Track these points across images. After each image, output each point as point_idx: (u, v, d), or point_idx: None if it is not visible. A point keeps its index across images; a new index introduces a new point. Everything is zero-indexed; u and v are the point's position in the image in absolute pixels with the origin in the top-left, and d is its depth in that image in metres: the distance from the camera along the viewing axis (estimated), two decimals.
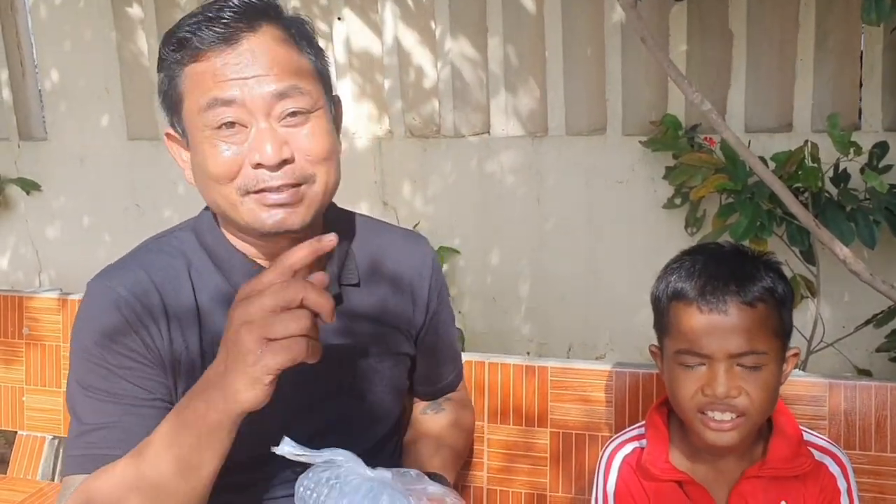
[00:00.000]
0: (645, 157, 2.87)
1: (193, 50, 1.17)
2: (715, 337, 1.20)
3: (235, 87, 1.16)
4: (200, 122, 1.18)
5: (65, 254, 4.01)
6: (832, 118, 2.27)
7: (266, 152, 1.16)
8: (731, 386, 1.20)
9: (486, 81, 3.19)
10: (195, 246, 1.31)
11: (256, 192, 1.19)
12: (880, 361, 2.54)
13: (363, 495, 1.06)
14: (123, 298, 1.22)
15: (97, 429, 1.21)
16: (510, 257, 3.21)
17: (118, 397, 1.22)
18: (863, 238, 2.37)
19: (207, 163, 1.19)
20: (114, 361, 1.21)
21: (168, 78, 1.22)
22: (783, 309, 1.24)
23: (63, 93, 3.90)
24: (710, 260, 1.27)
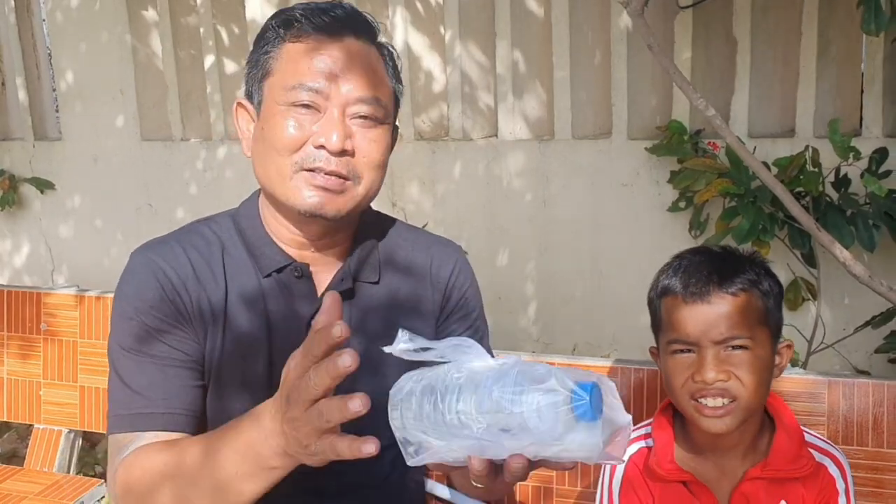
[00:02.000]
0: (650, 161, 2.92)
1: (297, 31, 1.27)
2: (699, 324, 1.27)
3: (325, 79, 1.25)
4: (282, 96, 1.26)
5: (78, 252, 4.06)
6: (833, 124, 2.31)
7: (332, 138, 1.24)
8: (719, 370, 1.26)
9: (495, 85, 3.24)
10: (231, 231, 1.38)
11: (309, 169, 1.26)
12: (880, 362, 2.57)
13: (502, 384, 0.85)
14: (161, 269, 1.30)
15: (138, 389, 1.29)
16: (516, 258, 3.25)
17: (155, 358, 1.29)
18: (862, 241, 2.42)
19: (275, 132, 1.26)
20: (151, 324, 1.29)
21: (263, 49, 1.30)
22: (768, 301, 1.30)
23: (78, 94, 3.95)
24: (695, 259, 1.34)
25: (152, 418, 1.28)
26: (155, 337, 1.30)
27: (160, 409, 1.28)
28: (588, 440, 0.83)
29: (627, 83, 2.97)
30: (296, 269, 1.35)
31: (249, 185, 1.38)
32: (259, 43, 1.32)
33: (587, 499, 1.66)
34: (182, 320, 1.31)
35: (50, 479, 2.34)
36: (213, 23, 3.64)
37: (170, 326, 1.30)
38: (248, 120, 1.35)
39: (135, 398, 1.29)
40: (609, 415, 0.85)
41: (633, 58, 2.95)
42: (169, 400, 1.29)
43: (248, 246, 1.36)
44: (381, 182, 1.34)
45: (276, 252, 1.35)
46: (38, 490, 2.28)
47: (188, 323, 1.31)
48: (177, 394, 1.30)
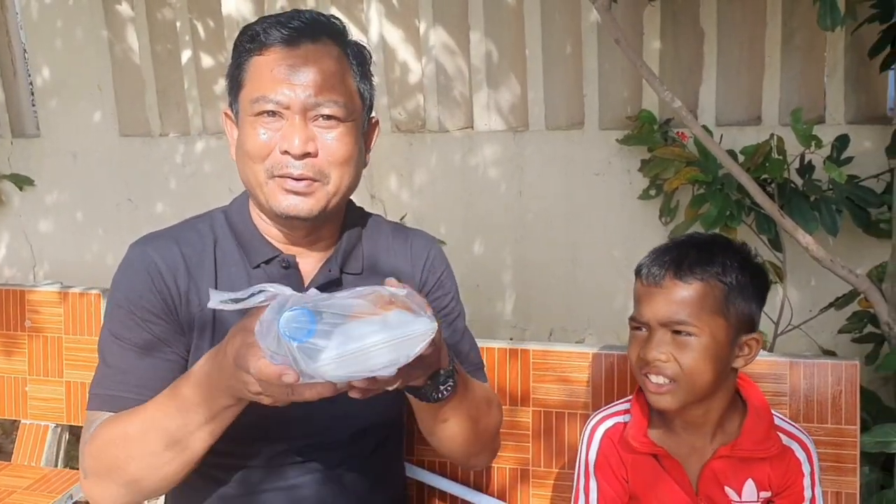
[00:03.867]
0: (621, 151, 2.98)
1: (260, 44, 1.34)
2: (650, 305, 1.35)
3: (284, 87, 1.31)
4: (249, 108, 1.34)
5: (59, 248, 4.06)
6: (795, 113, 2.37)
7: (293, 143, 1.31)
8: (660, 351, 1.33)
9: (469, 77, 3.28)
10: (224, 226, 1.45)
11: (280, 175, 1.33)
12: (844, 342, 2.65)
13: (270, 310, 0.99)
14: (154, 264, 1.38)
15: (118, 373, 1.37)
16: (493, 247, 3.30)
17: (137, 346, 1.37)
18: (826, 226, 2.48)
19: (247, 142, 1.35)
20: (138, 314, 1.37)
21: (235, 64, 1.38)
22: (731, 293, 1.34)
23: (55, 90, 3.95)
24: (674, 245, 1.39)
25: (124, 401, 1.34)
26: (140, 326, 1.37)
27: (132, 394, 1.35)
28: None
29: (599, 75, 3.03)
30: (283, 261, 1.41)
31: (228, 179, 1.44)
32: (233, 57, 1.40)
33: (564, 479, 1.72)
34: (168, 312, 1.37)
35: (38, 473, 2.37)
36: (190, 17, 3.65)
37: (154, 317, 1.37)
38: (233, 127, 1.43)
39: (112, 380, 1.37)
40: (344, 343, 0.98)
41: (604, 50, 3.01)
42: (141, 387, 1.35)
43: (239, 239, 1.43)
44: (353, 177, 1.39)
45: (264, 245, 1.42)
46: (27, 484, 2.31)
47: (173, 315, 1.38)
48: (151, 380, 1.35)
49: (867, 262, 2.50)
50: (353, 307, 1.00)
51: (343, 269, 1.45)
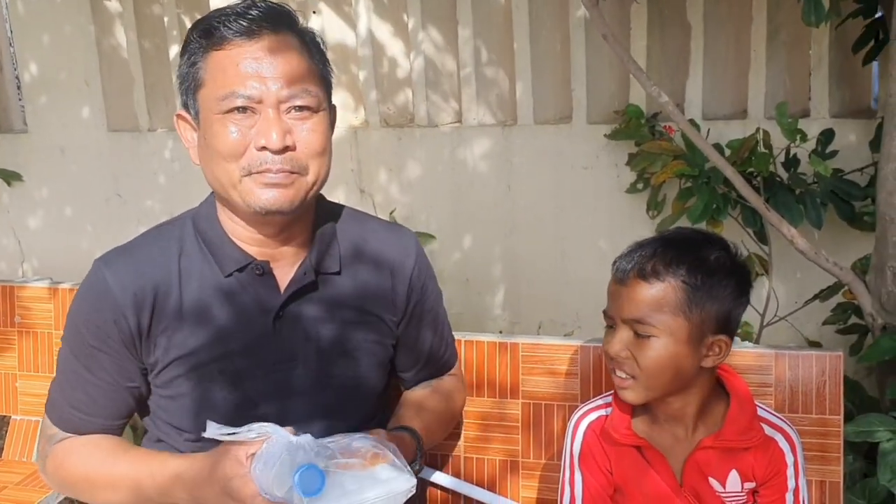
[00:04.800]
0: (609, 145, 3.00)
1: (218, 39, 1.29)
2: (615, 302, 1.37)
3: (254, 81, 1.28)
4: (216, 106, 1.29)
5: (47, 244, 4.06)
6: (780, 107, 2.40)
7: (272, 138, 1.28)
8: (620, 347, 1.35)
9: (458, 72, 3.29)
10: (191, 232, 1.42)
11: (258, 172, 1.30)
12: (829, 333, 2.68)
13: (279, 463, 1.16)
14: (110, 289, 1.36)
15: (74, 400, 1.43)
16: (483, 241, 3.32)
17: (94, 374, 1.40)
18: (810, 219, 2.51)
19: (217, 141, 1.30)
20: (93, 343, 1.38)
21: (190, 62, 1.32)
22: (696, 294, 1.32)
23: (43, 85, 3.94)
24: (648, 243, 1.39)
25: (82, 426, 1.43)
26: (94, 356, 1.39)
27: (89, 421, 1.43)
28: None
29: (586, 69, 3.04)
30: (256, 267, 1.39)
31: None
32: (185, 55, 1.34)
33: (552, 470, 1.73)
34: (123, 340, 1.38)
35: (29, 468, 2.37)
36: (178, 12, 3.64)
37: (109, 348, 1.38)
38: (190, 129, 1.39)
39: (70, 405, 1.43)
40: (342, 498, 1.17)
41: (592, 45, 3.02)
42: (94, 418, 1.43)
43: (209, 246, 1.40)
44: (328, 167, 1.38)
45: (236, 251, 1.39)
46: (18, 480, 2.31)
47: (131, 342, 1.38)
48: (106, 408, 1.43)
49: (851, 255, 2.52)
50: (351, 465, 1.19)
51: (319, 269, 1.43)
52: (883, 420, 2.07)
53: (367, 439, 1.24)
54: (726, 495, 1.41)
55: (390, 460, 1.22)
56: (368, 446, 1.22)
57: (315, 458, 1.16)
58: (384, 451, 1.23)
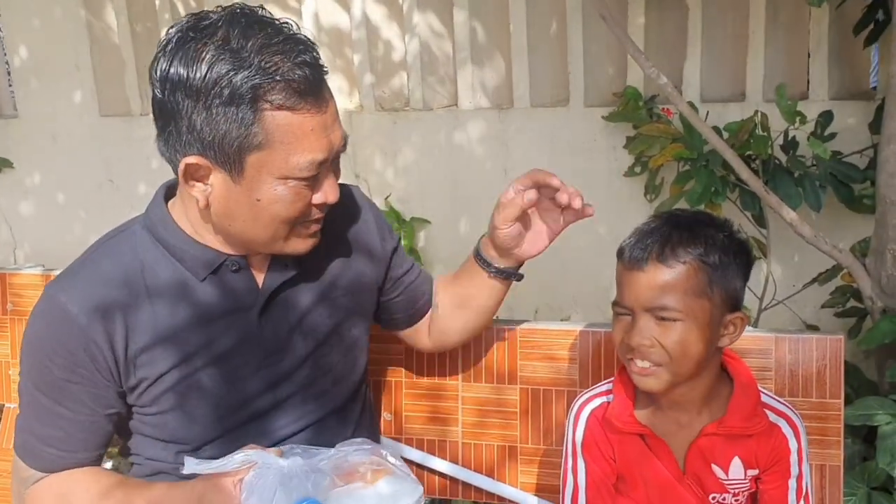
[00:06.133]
0: (606, 128, 2.98)
1: (284, 99, 1.17)
2: (632, 290, 1.32)
3: (327, 146, 1.23)
4: (287, 172, 1.21)
5: (40, 230, 4.03)
6: (780, 89, 2.38)
7: (335, 196, 1.28)
8: (644, 337, 1.31)
9: (454, 55, 3.27)
10: (149, 242, 1.33)
11: (303, 224, 1.28)
12: (827, 316, 2.67)
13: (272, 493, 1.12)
14: (74, 318, 1.27)
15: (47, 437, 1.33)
16: (479, 226, 3.28)
17: (67, 407, 1.32)
18: (809, 202, 2.50)
19: (281, 206, 1.23)
20: (62, 375, 1.29)
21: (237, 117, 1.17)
22: (715, 274, 1.31)
23: (33, 70, 3.90)
24: (656, 223, 1.36)
25: (60, 463, 1.35)
26: (65, 389, 1.31)
27: (67, 457, 1.34)
28: None
29: (584, 51, 3.02)
30: (232, 264, 1.34)
31: None
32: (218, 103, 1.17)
33: (552, 456, 1.72)
34: (97, 368, 1.30)
35: None
36: None
37: (81, 378, 1.30)
38: (203, 176, 1.25)
39: (44, 444, 1.34)
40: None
41: (589, 26, 3.00)
42: (73, 453, 1.34)
43: (174, 254, 1.32)
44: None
45: (207, 252, 1.33)
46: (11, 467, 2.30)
47: (104, 369, 1.30)
48: (85, 441, 1.35)
49: (850, 238, 2.52)
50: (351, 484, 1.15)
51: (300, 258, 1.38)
52: (882, 403, 2.07)
53: (363, 451, 1.20)
54: (729, 483, 1.40)
55: (391, 471, 1.17)
56: (365, 459, 1.18)
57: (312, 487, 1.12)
58: (383, 461, 1.18)
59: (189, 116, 1.18)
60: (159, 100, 1.21)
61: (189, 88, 1.17)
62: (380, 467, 1.17)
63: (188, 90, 1.17)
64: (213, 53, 1.16)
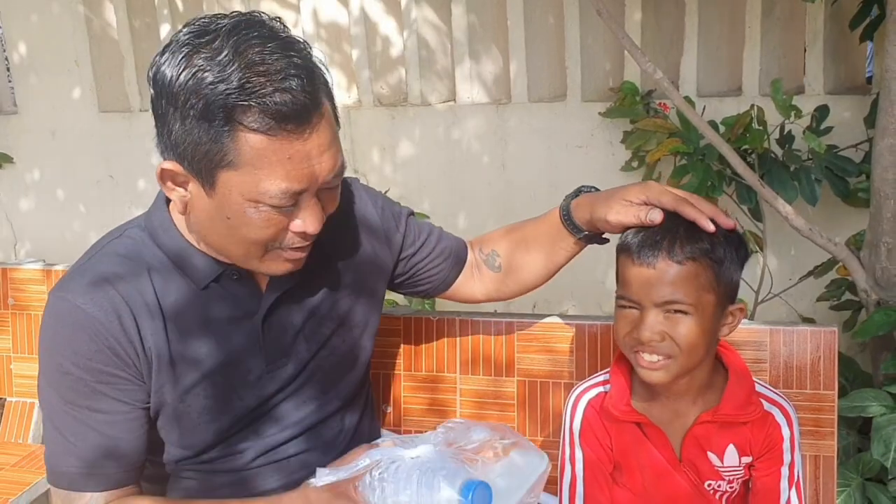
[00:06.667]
0: (603, 123, 2.99)
1: (261, 123, 1.11)
2: (643, 286, 1.33)
3: (307, 177, 1.16)
4: (256, 196, 1.16)
5: (40, 226, 4.04)
6: (775, 83, 2.39)
7: (315, 227, 1.22)
8: (654, 332, 1.32)
9: (451, 50, 3.27)
10: (151, 247, 1.31)
11: (281, 248, 1.24)
12: (822, 310, 2.69)
13: (417, 484, 1.07)
14: (91, 316, 1.23)
15: (85, 452, 1.27)
16: (477, 220, 3.31)
17: (101, 413, 1.27)
18: (805, 196, 2.51)
19: (251, 230, 1.19)
20: (92, 380, 1.24)
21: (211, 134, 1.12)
22: (721, 268, 1.33)
23: (32, 66, 3.90)
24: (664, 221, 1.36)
25: (104, 480, 1.29)
26: (99, 391, 1.26)
27: (110, 471, 1.29)
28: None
29: (581, 47, 3.03)
30: (233, 273, 1.32)
31: None
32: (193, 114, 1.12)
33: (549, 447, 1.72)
34: (123, 365, 1.26)
35: (25, 450, 2.37)
36: None
37: (111, 377, 1.26)
38: (182, 182, 1.21)
39: (82, 460, 1.27)
40: (507, 500, 1.11)
41: (586, 22, 3.00)
42: (120, 459, 1.29)
43: (176, 262, 1.30)
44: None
45: (208, 262, 1.31)
46: (14, 461, 2.31)
47: (129, 365, 1.27)
48: (127, 449, 1.30)
49: (846, 231, 2.53)
50: (487, 462, 1.13)
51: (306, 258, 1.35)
52: (876, 395, 2.09)
53: (483, 429, 1.18)
54: (724, 470, 1.42)
55: (520, 443, 1.16)
56: (488, 436, 1.16)
57: (452, 470, 1.08)
58: (510, 435, 1.17)
59: (168, 122, 1.15)
60: (153, 101, 1.19)
61: (170, 94, 1.13)
62: (507, 440, 1.16)
63: (169, 96, 1.13)
64: (201, 63, 1.11)
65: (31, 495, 2.18)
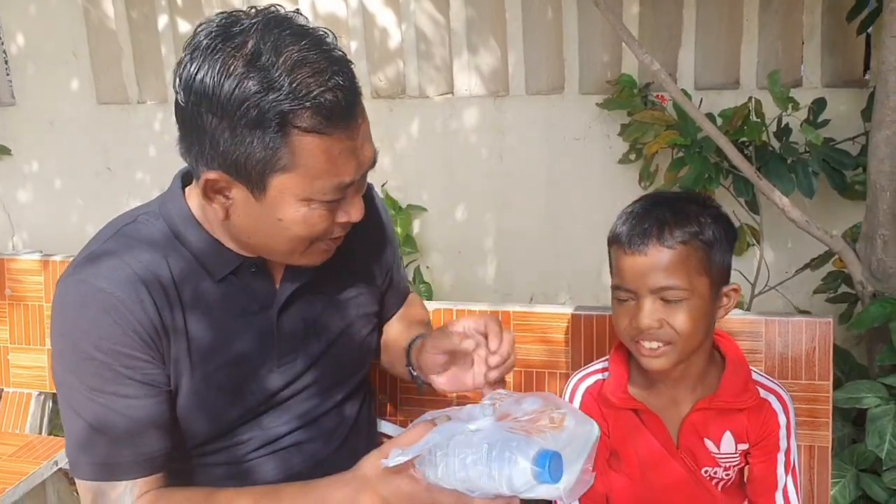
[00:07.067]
0: (601, 115, 2.99)
1: (313, 124, 1.12)
2: (637, 274, 1.34)
3: (355, 168, 1.19)
4: (310, 194, 1.18)
5: (38, 217, 4.04)
6: (772, 75, 2.39)
7: (359, 215, 1.26)
8: (653, 319, 1.33)
9: (449, 42, 3.27)
10: (169, 237, 1.30)
11: (322, 240, 1.26)
12: (819, 303, 2.69)
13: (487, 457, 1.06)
14: (116, 299, 1.21)
15: (117, 437, 1.24)
16: (475, 213, 3.32)
17: (129, 398, 1.24)
18: (802, 188, 2.51)
19: (303, 227, 1.21)
20: (118, 364, 1.22)
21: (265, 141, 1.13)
22: (712, 250, 1.34)
23: (30, 57, 3.89)
24: (646, 207, 1.38)
25: (136, 467, 1.26)
26: (124, 375, 1.23)
27: (143, 456, 1.26)
28: (551, 494, 1.06)
29: (579, 39, 3.03)
30: (251, 265, 1.32)
31: None
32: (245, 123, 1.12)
33: None
34: (146, 348, 1.24)
35: (22, 440, 2.37)
36: None
37: (136, 361, 1.24)
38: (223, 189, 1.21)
39: (111, 449, 1.25)
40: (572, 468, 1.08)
41: (584, 14, 3.00)
42: (150, 444, 1.27)
43: (193, 253, 1.29)
44: None
45: (226, 253, 1.31)
46: (12, 451, 2.30)
47: (152, 348, 1.25)
48: (155, 434, 1.27)
49: (843, 225, 2.53)
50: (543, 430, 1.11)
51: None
52: (871, 386, 2.09)
53: (534, 399, 1.18)
54: (720, 456, 1.43)
55: (572, 410, 1.17)
56: (541, 406, 1.16)
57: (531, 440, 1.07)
58: (560, 403, 1.18)
59: (212, 133, 1.14)
60: (182, 108, 1.17)
61: (214, 105, 1.12)
62: (560, 410, 1.16)
63: (213, 107, 1.12)
64: (242, 70, 1.10)
65: (28, 485, 2.18)
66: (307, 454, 1.42)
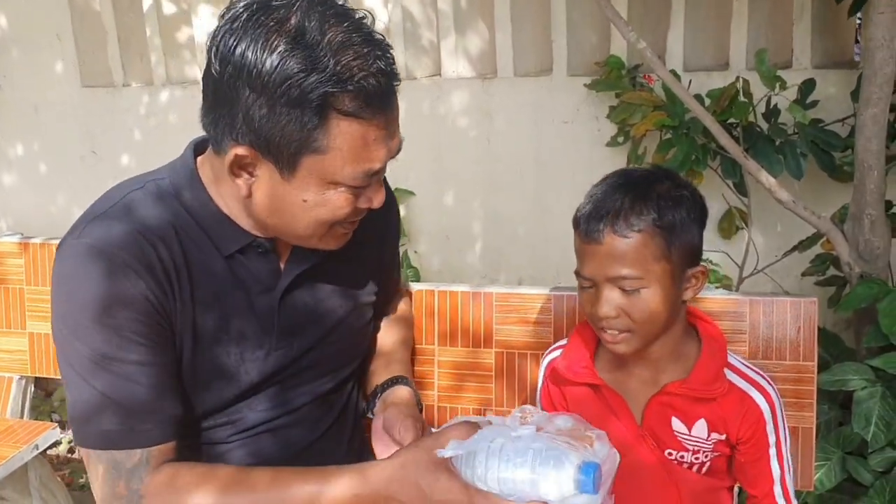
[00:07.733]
0: (589, 97, 2.97)
1: (352, 107, 1.12)
2: (592, 262, 1.31)
3: (385, 155, 1.19)
4: (339, 178, 1.17)
5: (23, 201, 4.00)
6: (760, 54, 2.36)
7: (381, 201, 1.26)
8: (610, 308, 1.30)
9: (437, 23, 3.24)
10: (178, 207, 1.28)
11: (341, 223, 1.26)
12: (808, 286, 2.68)
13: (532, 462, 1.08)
14: (125, 263, 1.19)
15: (130, 405, 1.21)
16: (463, 197, 3.30)
17: (140, 365, 1.21)
18: (790, 169, 2.49)
19: (330, 210, 1.21)
20: (129, 330, 1.19)
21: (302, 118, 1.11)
22: (672, 235, 1.30)
23: (13, 40, 3.85)
24: (607, 190, 1.34)
25: (149, 434, 1.22)
26: (135, 342, 1.20)
27: (156, 423, 1.23)
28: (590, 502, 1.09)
29: (567, 20, 3.00)
30: (259, 246, 1.32)
31: (193, 129, 1.29)
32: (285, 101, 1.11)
33: None
34: (155, 313, 1.22)
35: (3, 424, 2.35)
36: None
37: (147, 326, 1.21)
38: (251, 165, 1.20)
39: (125, 416, 1.21)
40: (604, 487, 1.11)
41: None
42: (163, 411, 1.23)
43: (203, 226, 1.28)
44: None
45: (236, 230, 1.29)
46: None
47: (162, 314, 1.23)
48: (167, 400, 1.24)
49: (831, 207, 2.52)
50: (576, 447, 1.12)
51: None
52: (857, 369, 2.09)
53: (566, 418, 1.20)
54: (687, 440, 1.40)
55: (600, 435, 1.19)
56: (573, 425, 1.19)
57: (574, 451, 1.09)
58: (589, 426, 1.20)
59: (248, 107, 1.12)
60: (216, 79, 1.14)
61: (254, 79, 1.10)
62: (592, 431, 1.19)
63: (252, 81, 1.10)
64: (285, 46, 1.09)
65: (8, 468, 2.17)
66: (288, 440, 1.40)
